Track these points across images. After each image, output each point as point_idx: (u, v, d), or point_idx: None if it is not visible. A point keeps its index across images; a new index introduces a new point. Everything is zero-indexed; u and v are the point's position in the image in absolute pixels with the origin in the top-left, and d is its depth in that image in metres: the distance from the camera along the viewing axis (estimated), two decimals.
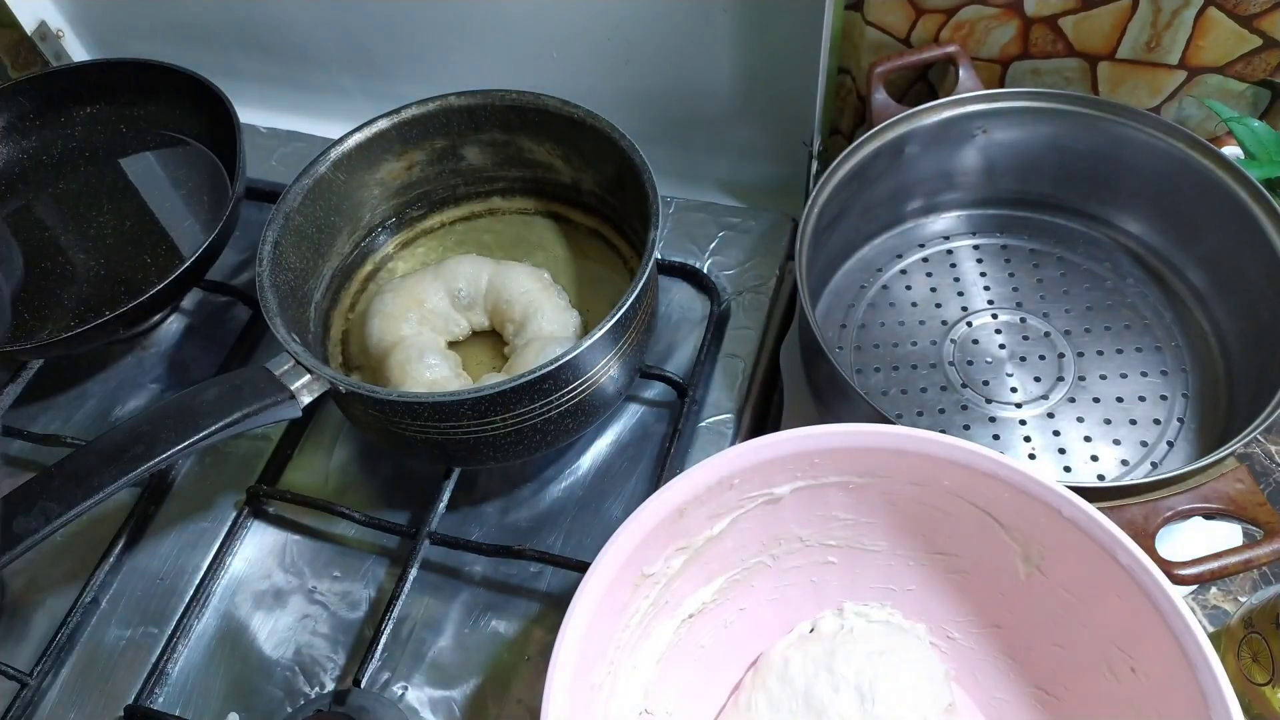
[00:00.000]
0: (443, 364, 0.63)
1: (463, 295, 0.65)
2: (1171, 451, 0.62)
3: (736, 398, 0.67)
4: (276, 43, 0.86)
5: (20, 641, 0.62)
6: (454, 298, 0.66)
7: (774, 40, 0.69)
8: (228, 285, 0.75)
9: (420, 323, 0.65)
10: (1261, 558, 0.50)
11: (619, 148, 0.62)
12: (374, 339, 0.64)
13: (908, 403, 0.66)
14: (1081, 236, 0.72)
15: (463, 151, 0.69)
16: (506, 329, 0.66)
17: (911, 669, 0.53)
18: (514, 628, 0.60)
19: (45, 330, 0.69)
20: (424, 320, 0.65)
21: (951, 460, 0.49)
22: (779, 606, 0.57)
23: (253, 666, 0.60)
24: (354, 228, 0.69)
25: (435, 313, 0.65)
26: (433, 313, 0.65)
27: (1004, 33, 0.69)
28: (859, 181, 0.67)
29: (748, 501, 0.52)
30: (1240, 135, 0.65)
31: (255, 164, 0.79)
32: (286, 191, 0.62)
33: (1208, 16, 0.64)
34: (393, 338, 0.63)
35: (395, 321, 0.64)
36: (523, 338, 0.64)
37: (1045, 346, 0.67)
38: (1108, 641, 0.48)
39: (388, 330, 0.64)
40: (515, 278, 0.65)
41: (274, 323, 0.56)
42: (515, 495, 0.65)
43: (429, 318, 0.65)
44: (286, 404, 0.54)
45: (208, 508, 0.66)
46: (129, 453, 0.50)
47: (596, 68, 0.76)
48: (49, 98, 0.79)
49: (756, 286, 0.72)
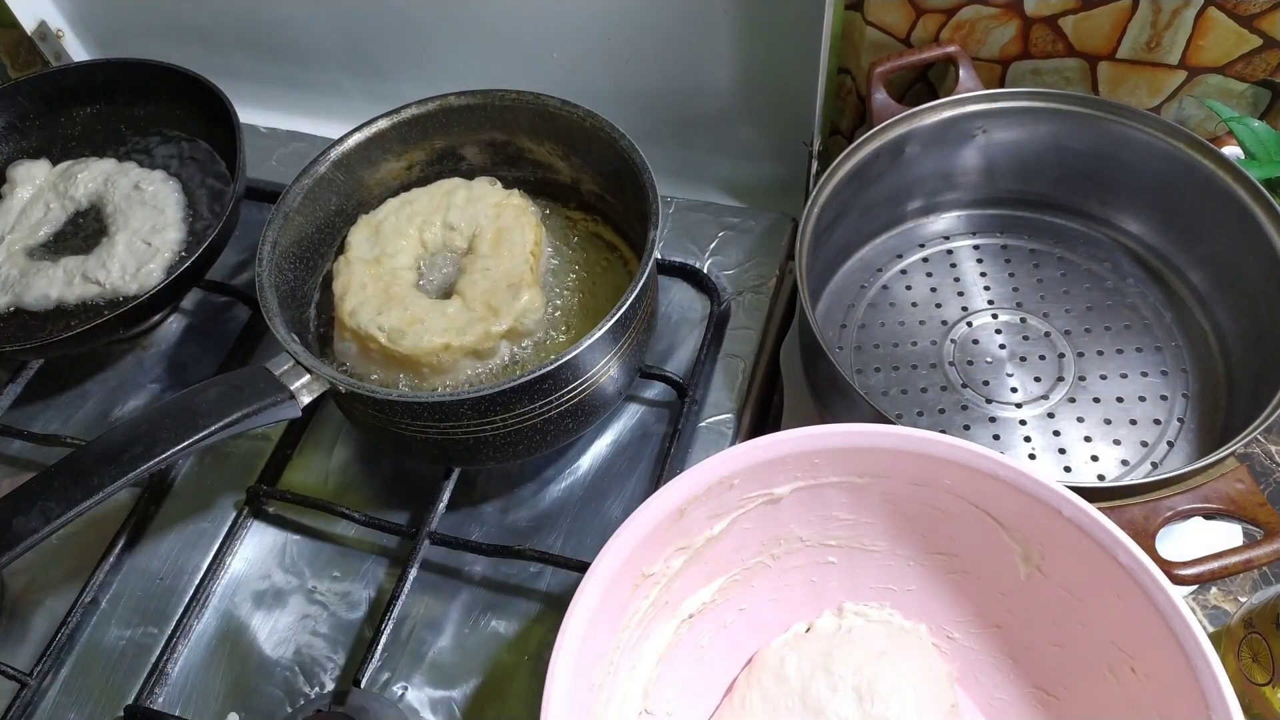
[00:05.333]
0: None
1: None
2: (1171, 451, 0.62)
3: (736, 398, 0.67)
4: (276, 43, 0.86)
5: (20, 641, 0.62)
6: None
7: (774, 40, 0.69)
8: (228, 285, 0.75)
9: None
10: (1261, 558, 0.50)
11: (619, 148, 0.62)
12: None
13: (908, 403, 0.66)
14: (1081, 236, 0.72)
15: (462, 151, 0.69)
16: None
17: (914, 670, 0.53)
18: (514, 628, 0.60)
19: (45, 330, 0.69)
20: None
21: (951, 460, 0.49)
22: (779, 607, 0.57)
23: (253, 666, 0.60)
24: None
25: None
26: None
27: (1004, 33, 0.69)
28: (859, 181, 0.67)
29: (748, 501, 0.52)
30: (1240, 135, 0.65)
31: (255, 164, 0.79)
32: (286, 191, 0.62)
33: (1208, 16, 0.64)
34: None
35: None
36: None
37: (1045, 346, 0.67)
38: (1108, 641, 0.48)
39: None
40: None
41: (274, 323, 0.56)
42: (515, 495, 0.65)
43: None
44: (286, 404, 0.54)
45: (208, 508, 0.66)
46: (129, 453, 0.50)
47: (596, 68, 0.76)
48: (49, 98, 0.80)
49: (756, 286, 0.72)
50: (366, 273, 0.62)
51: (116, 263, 0.70)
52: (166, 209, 0.73)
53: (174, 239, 0.72)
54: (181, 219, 0.73)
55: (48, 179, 0.77)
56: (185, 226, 0.73)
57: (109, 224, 0.73)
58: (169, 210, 0.73)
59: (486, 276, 0.62)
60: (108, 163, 0.77)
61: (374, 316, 0.60)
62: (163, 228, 0.72)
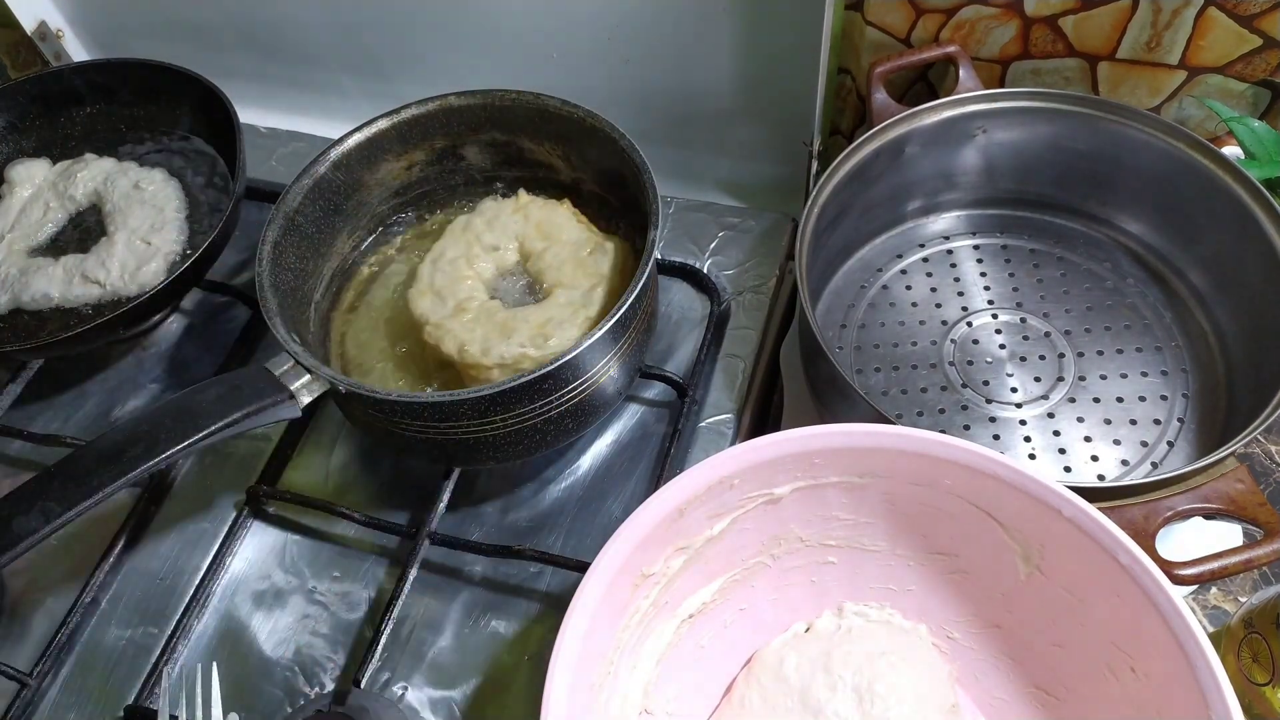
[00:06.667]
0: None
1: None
2: (1171, 451, 0.62)
3: (736, 398, 0.67)
4: (276, 43, 0.86)
5: (20, 641, 0.62)
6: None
7: (774, 40, 0.69)
8: (228, 285, 0.75)
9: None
10: (1261, 558, 0.50)
11: (619, 147, 0.62)
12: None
13: (908, 403, 0.66)
14: (1081, 236, 0.72)
15: (463, 151, 0.69)
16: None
17: (914, 670, 0.53)
18: (514, 628, 0.60)
19: (45, 330, 0.69)
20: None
21: (952, 460, 0.49)
22: (779, 607, 0.57)
23: (253, 666, 0.60)
24: (354, 228, 0.68)
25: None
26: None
27: (1004, 33, 0.69)
28: (859, 181, 0.67)
29: (748, 501, 0.52)
30: (1240, 135, 0.65)
31: (255, 164, 0.79)
32: (286, 191, 0.62)
33: (1208, 16, 0.64)
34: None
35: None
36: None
37: (1045, 346, 0.67)
38: (1108, 641, 0.48)
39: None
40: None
41: (274, 323, 0.56)
42: (515, 495, 0.65)
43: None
44: (286, 404, 0.54)
45: (208, 508, 0.66)
46: (129, 453, 0.50)
47: (596, 67, 0.76)
48: (49, 98, 0.80)
49: (756, 286, 0.72)
50: (457, 324, 0.61)
51: (116, 262, 0.70)
52: (166, 208, 0.73)
53: (174, 239, 0.72)
54: (181, 219, 0.73)
55: (47, 178, 0.77)
56: (185, 226, 0.73)
57: (108, 223, 0.73)
58: (169, 210, 0.73)
59: (563, 259, 0.63)
60: (107, 162, 0.77)
61: (507, 346, 0.58)
62: (162, 227, 0.72)
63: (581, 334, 0.59)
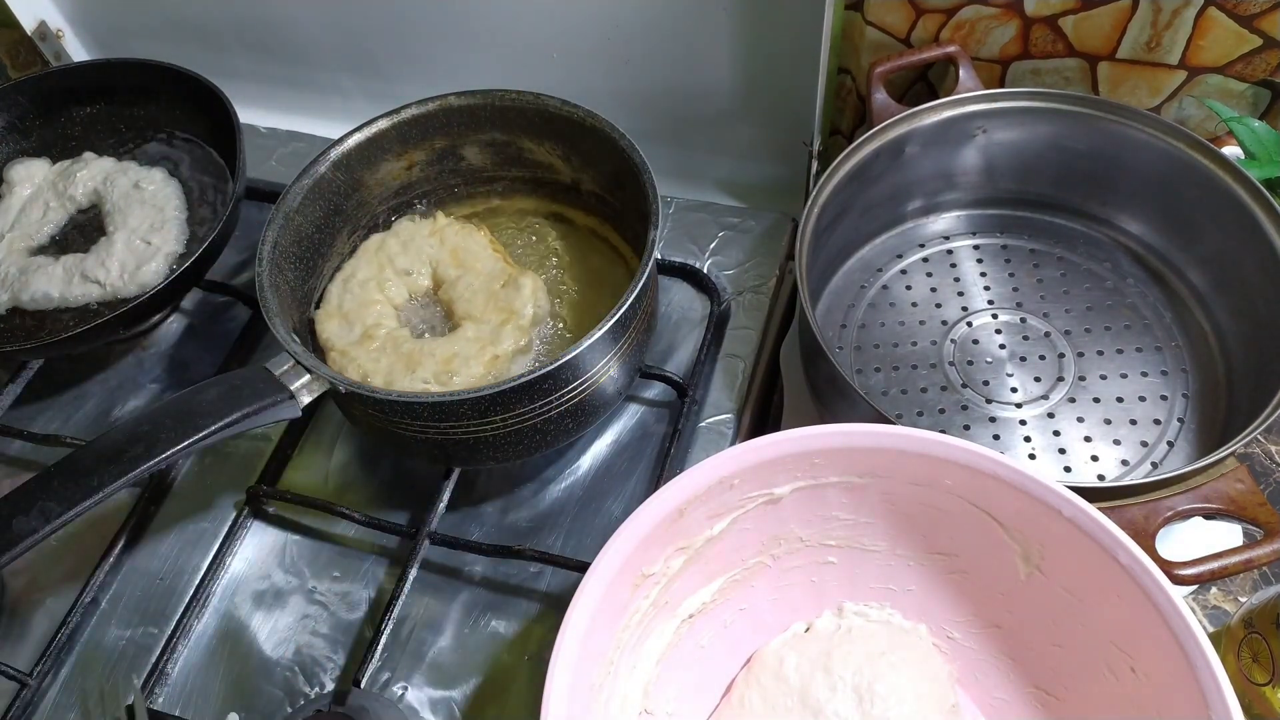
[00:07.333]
0: None
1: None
2: (1171, 451, 0.62)
3: (736, 398, 0.67)
4: (276, 43, 0.86)
5: (20, 641, 0.62)
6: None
7: (774, 40, 0.69)
8: (228, 285, 0.75)
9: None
10: (1261, 558, 0.50)
11: (619, 147, 0.62)
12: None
13: (908, 403, 0.66)
14: (1081, 236, 0.72)
15: (463, 151, 0.69)
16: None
17: (914, 670, 0.53)
18: (514, 628, 0.60)
19: (45, 330, 0.69)
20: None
21: (952, 460, 0.49)
22: (779, 607, 0.57)
23: (253, 666, 0.60)
24: (354, 228, 0.68)
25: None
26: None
27: (1004, 33, 0.69)
28: (859, 181, 0.67)
29: (748, 501, 0.52)
30: (1240, 135, 0.65)
31: (255, 164, 0.79)
32: (286, 191, 0.62)
33: (1208, 16, 0.64)
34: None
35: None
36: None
37: (1045, 346, 0.67)
38: (1108, 641, 0.48)
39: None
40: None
41: (274, 323, 0.56)
42: (515, 495, 0.65)
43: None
44: (286, 404, 0.54)
45: (208, 508, 0.66)
46: (129, 453, 0.50)
47: (596, 67, 0.76)
48: (49, 98, 0.80)
49: (756, 286, 0.72)
50: (363, 353, 0.61)
51: (116, 262, 0.70)
52: (166, 208, 0.73)
53: (174, 238, 0.72)
54: (181, 218, 0.73)
55: (47, 178, 0.77)
56: (185, 226, 0.73)
57: (108, 223, 0.73)
58: (169, 209, 0.73)
59: (475, 290, 0.63)
60: (107, 162, 0.77)
61: (410, 381, 0.59)
62: (162, 227, 0.72)
63: (486, 371, 0.59)
